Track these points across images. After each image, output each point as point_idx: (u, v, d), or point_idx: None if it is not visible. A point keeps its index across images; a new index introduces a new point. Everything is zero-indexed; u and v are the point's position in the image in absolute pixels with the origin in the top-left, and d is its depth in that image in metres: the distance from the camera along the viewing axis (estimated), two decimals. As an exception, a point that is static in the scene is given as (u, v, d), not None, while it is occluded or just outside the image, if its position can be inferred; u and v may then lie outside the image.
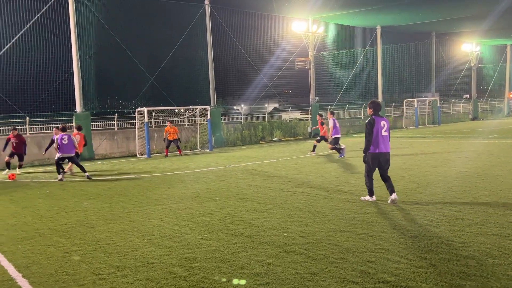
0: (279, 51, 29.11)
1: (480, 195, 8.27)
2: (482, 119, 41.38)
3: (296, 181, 10.93)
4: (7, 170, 15.29)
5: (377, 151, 7.81)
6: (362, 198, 8.27)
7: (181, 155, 19.97)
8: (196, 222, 7.17)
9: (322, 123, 17.31)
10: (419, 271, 4.61)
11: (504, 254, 5.03)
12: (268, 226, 6.70)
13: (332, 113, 16.18)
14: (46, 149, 14.78)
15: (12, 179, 13.85)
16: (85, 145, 15.38)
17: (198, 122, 23.37)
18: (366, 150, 7.88)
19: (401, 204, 7.76)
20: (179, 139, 20.07)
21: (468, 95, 45.08)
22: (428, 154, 15.59)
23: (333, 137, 15.81)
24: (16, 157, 15.41)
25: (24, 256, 5.77)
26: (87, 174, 13.26)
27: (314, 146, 17.46)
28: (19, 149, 15.24)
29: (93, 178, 13.41)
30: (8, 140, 15.30)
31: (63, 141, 13.16)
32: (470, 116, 42.63)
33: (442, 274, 4.53)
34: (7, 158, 15.36)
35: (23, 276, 5.04)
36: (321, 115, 17.88)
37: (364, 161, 8.02)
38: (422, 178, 10.41)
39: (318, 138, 17.45)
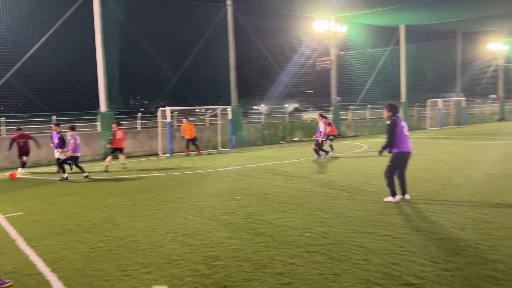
0: (300, 51, 28.99)
1: (507, 197, 8.06)
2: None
3: (317, 181, 10.88)
4: (25, 169, 15.29)
5: (403, 151, 7.91)
6: (385, 199, 8.17)
7: (200, 154, 20.10)
8: (218, 220, 7.23)
9: (329, 124, 17.52)
10: (445, 275, 4.53)
11: (534, 258, 4.89)
12: (290, 226, 6.69)
13: (321, 116, 16.66)
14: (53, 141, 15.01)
15: (13, 177, 14.02)
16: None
17: (219, 122, 23.50)
18: (385, 147, 8.00)
19: (425, 206, 7.63)
20: (196, 137, 20.21)
21: (495, 95, 43.91)
22: (453, 155, 15.28)
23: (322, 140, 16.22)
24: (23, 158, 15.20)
25: (52, 251, 5.93)
26: (66, 175, 13.07)
27: (331, 146, 17.56)
28: (26, 148, 15.05)
29: (113, 176, 13.64)
30: (13, 141, 14.93)
31: (77, 141, 13.19)
32: (497, 117, 41.54)
33: (469, 278, 4.43)
34: (20, 161, 15.07)
35: (51, 270, 5.18)
36: (326, 117, 18.09)
37: (380, 155, 8.15)
38: (447, 180, 10.21)
39: (332, 137, 17.63)
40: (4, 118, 18.80)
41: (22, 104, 21.78)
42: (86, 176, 13.20)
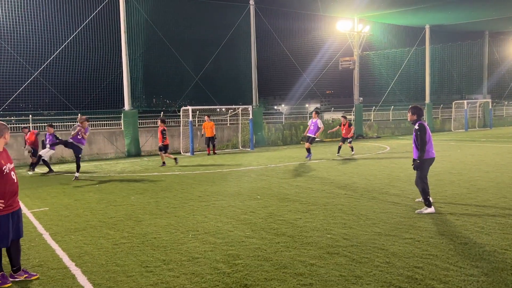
0: (323, 51, 28.83)
1: (536, 203, 7.81)
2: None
3: (338, 182, 10.79)
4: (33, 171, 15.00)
5: (431, 157, 7.46)
6: (418, 211, 7.36)
7: (215, 154, 20.08)
8: (238, 219, 7.25)
9: (350, 125, 17.63)
10: (470, 280, 4.43)
11: None
12: (311, 227, 6.66)
13: (317, 113, 16.92)
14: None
15: (32, 138, 14.36)
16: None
17: (240, 122, 23.58)
18: (422, 157, 7.33)
19: (450, 210, 7.47)
20: (215, 136, 20.31)
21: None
22: (479, 158, 14.91)
23: (313, 136, 16.09)
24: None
25: (77, 246, 6.06)
26: (77, 175, 12.91)
27: (351, 148, 17.56)
28: (34, 145, 15.09)
29: (135, 174, 13.85)
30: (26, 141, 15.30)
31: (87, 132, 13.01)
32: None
33: (495, 283, 4.32)
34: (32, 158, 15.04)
35: (76, 265, 5.30)
36: (345, 117, 18.27)
37: (417, 168, 7.42)
38: (473, 183, 9.97)
39: (350, 139, 17.64)
40: (30, 116, 19.33)
41: (48, 102, 22.32)
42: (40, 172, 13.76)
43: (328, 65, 29.13)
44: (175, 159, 16.10)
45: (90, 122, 20.09)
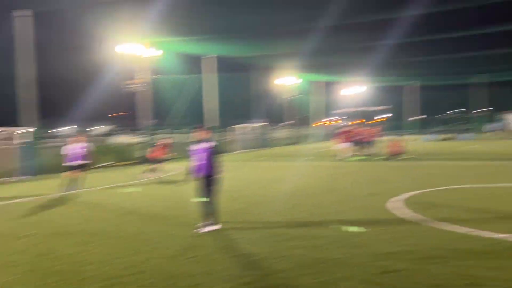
0: (110, 73, 27.95)
1: (298, 211, 9.19)
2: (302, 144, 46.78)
3: (123, 209, 10.36)
4: None
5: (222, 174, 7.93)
6: (200, 230, 7.55)
7: None
8: (3, 263, 6.14)
9: (163, 147, 17.64)
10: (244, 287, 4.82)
11: (316, 264, 5.63)
12: (91, 260, 6.15)
13: (83, 137, 14.88)
14: None
15: None
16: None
17: (12, 146, 20.42)
18: (220, 173, 7.86)
19: (229, 225, 8.03)
20: None
21: (290, 122, 50.79)
22: (256, 176, 16.75)
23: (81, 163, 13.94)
24: None
25: None
26: None
27: (153, 169, 17.29)
28: None
29: None
30: None
31: None
32: (291, 141, 47.81)
33: (263, 288, 4.83)
34: None
35: None
36: (165, 138, 18.65)
37: (213, 185, 7.83)
38: (249, 199, 11.09)
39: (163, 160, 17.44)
40: None
41: None
42: None
43: (115, 87, 28.35)
44: None
45: None
